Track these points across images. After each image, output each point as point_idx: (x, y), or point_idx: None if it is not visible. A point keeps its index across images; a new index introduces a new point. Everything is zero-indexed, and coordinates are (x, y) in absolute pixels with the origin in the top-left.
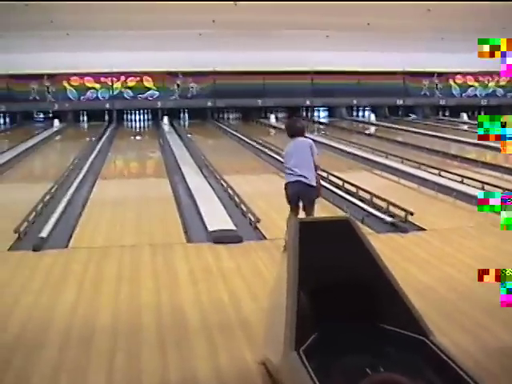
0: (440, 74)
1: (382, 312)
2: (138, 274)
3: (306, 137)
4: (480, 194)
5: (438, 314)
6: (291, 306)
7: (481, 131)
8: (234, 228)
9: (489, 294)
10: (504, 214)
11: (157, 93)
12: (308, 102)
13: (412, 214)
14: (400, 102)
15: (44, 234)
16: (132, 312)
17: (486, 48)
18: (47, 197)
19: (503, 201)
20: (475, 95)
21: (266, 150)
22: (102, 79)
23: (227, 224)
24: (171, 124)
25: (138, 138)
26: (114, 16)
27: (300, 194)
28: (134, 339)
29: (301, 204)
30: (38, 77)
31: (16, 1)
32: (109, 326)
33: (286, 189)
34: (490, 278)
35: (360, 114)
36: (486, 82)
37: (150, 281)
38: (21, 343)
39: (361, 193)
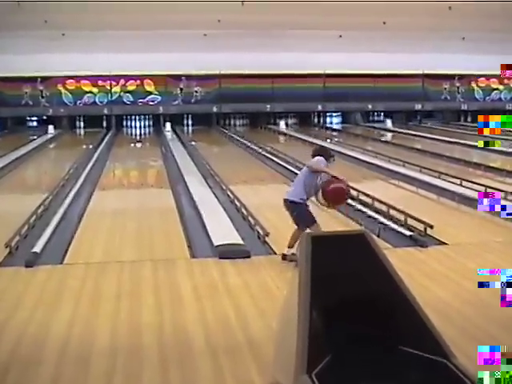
0: (461, 77)
1: (400, 332)
2: (139, 290)
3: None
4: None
5: (459, 332)
6: (303, 326)
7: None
8: (241, 242)
9: None
10: None
11: (158, 97)
12: (320, 107)
13: (432, 226)
14: (419, 106)
15: (37, 248)
16: (132, 331)
17: None
18: (41, 209)
19: None
20: (499, 99)
21: (275, 159)
22: (100, 83)
23: (234, 238)
24: (174, 131)
25: (138, 145)
26: (113, 15)
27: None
28: (135, 359)
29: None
30: (31, 80)
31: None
32: (107, 344)
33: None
34: None
35: (376, 119)
36: None
37: (151, 298)
38: (15, 360)
39: (376, 204)
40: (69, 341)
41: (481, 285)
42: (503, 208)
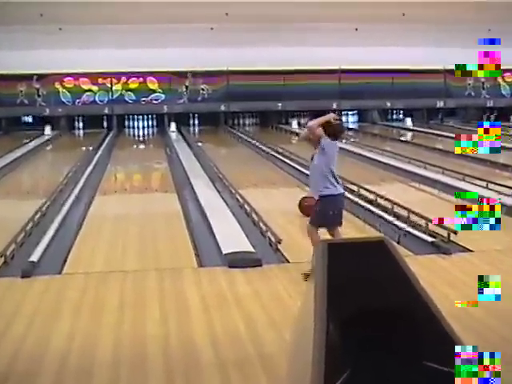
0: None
1: (422, 345)
2: (143, 301)
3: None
4: None
5: (485, 345)
6: (319, 339)
7: None
8: (251, 250)
9: None
10: None
11: (162, 96)
12: (335, 105)
13: (456, 232)
14: (440, 103)
15: (34, 257)
16: (136, 343)
17: None
18: (38, 215)
19: None
20: None
21: (287, 161)
22: (100, 80)
23: (244, 245)
24: (179, 131)
25: (141, 147)
26: (113, 8)
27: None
28: (139, 372)
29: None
30: (27, 77)
31: None
32: (110, 357)
33: (322, 204)
34: None
35: (394, 117)
36: None
37: (156, 309)
38: (13, 372)
39: (396, 209)
40: (69, 353)
41: None
42: None
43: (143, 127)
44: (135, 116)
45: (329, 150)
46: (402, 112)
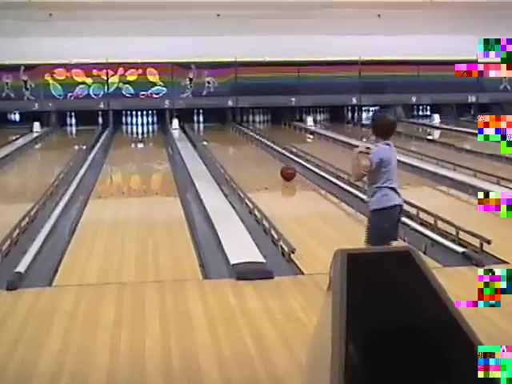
0: None
1: (452, 367)
2: (142, 317)
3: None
4: None
5: None
6: (338, 361)
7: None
8: (262, 260)
9: None
10: None
11: (164, 89)
12: (354, 101)
13: (489, 242)
14: (472, 98)
15: (21, 268)
16: (134, 363)
17: None
18: (25, 221)
19: None
20: None
21: (302, 161)
22: (95, 72)
23: (254, 255)
24: (182, 128)
25: (140, 145)
26: None
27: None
28: None
29: None
30: (13, 68)
31: None
32: (105, 378)
33: (381, 218)
34: None
35: (420, 114)
36: None
37: (156, 325)
38: None
39: (422, 215)
40: (60, 374)
41: None
42: None
43: (142, 124)
44: (133, 112)
45: (380, 163)
46: (429, 108)
